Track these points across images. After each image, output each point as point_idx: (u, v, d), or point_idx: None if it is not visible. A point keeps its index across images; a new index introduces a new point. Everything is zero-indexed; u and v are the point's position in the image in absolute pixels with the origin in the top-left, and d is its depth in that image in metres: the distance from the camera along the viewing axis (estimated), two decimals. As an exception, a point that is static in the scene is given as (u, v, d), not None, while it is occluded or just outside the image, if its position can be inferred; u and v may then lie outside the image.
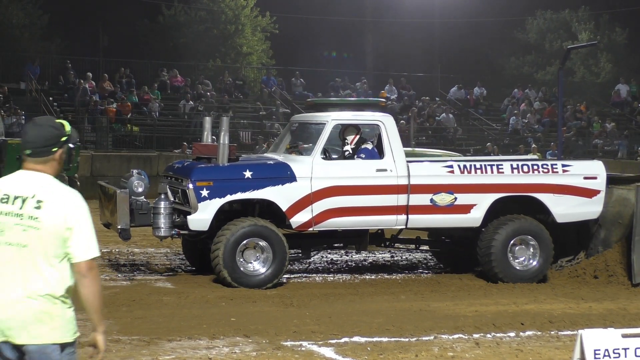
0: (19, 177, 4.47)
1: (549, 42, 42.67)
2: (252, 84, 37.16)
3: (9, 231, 4.38)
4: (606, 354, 6.10)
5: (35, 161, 4.44)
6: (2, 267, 4.37)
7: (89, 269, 4.45)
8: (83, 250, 4.42)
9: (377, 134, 12.60)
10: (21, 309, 4.35)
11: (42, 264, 4.38)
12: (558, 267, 13.18)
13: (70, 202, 4.42)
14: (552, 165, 12.85)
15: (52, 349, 4.40)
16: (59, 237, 4.38)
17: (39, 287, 4.38)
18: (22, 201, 4.39)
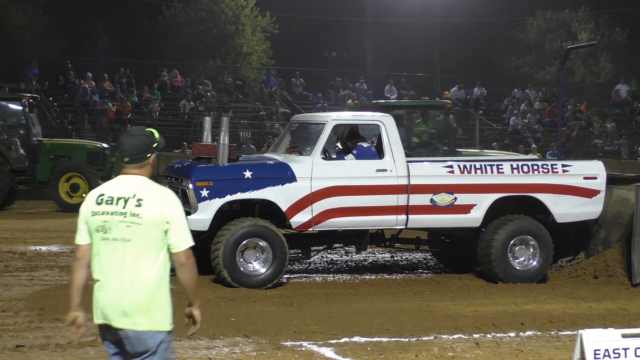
0: (120, 181, 5.12)
1: (549, 42, 42.67)
2: (252, 84, 37.16)
3: (115, 228, 4.97)
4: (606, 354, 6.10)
5: (133, 167, 5.09)
6: (109, 260, 4.96)
7: (187, 258, 5.08)
8: (182, 242, 5.04)
9: (377, 134, 12.60)
10: (126, 297, 4.90)
11: (144, 256, 4.95)
12: (558, 267, 13.18)
13: (166, 199, 5.04)
14: (552, 165, 12.84)
15: (148, 335, 4.89)
16: (159, 230, 4.97)
17: (142, 277, 4.94)
18: (124, 201, 4.99)
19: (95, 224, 5.05)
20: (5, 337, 8.75)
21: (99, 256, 5.02)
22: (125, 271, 4.94)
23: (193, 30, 38.41)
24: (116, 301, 4.92)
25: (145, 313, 4.91)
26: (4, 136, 22.12)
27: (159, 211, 4.98)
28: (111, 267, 4.96)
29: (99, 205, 5.06)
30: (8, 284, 11.73)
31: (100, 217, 5.03)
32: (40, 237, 16.52)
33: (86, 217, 5.12)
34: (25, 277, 12.29)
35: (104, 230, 5.01)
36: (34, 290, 11.42)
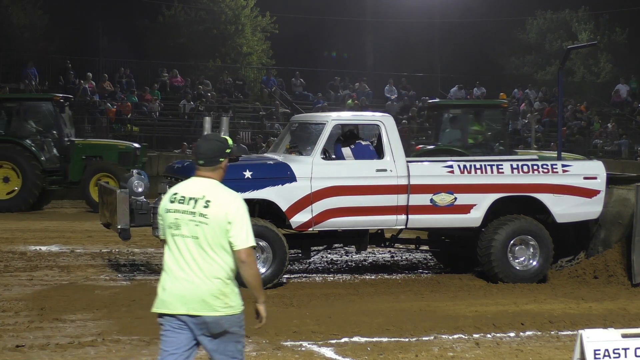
0: (192, 182, 5.59)
1: (549, 42, 42.68)
2: (252, 84, 37.16)
3: (184, 226, 5.41)
4: (606, 354, 6.10)
5: (206, 169, 5.60)
6: (181, 255, 5.40)
7: (247, 256, 5.41)
8: (242, 241, 5.40)
9: (376, 134, 12.60)
10: (200, 288, 5.34)
11: (211, 252, 5.38)
12: (558, 267, 13.19)
13: (231, 202, 5.50)
14: (552, 165, 12.84)
15: (224, 319, 5.39)
16: (223, 230, 5.39)
17: (212, 271, 5.38)
18: (194, 201, 5.44)
19: (168, 221, 5.48)
20: (5, 337, 8.75)
21: (171, 250, 5.45)
22: (195, 265, 5.37)
23: (193, 30, 38.39)
24: (193, 291, 5.34)
25: (219, 300, 5.37)
26: (36, 137, 22.19)
27: (224, 212, 5.41)
28: (182, 261, 5.39)
29: (172, 204, 5.51)
30: (8, 284, 11.73)
31: (173, 215, 5.47)
32: (40, 237, 16.52)
33: (161, 214, 5.55)
34: (25, 277, 12.29)
35: (175, 227, 5.45)
36: (34, 290, 11.42)
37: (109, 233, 14.30)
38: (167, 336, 5.43)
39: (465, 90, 37.60)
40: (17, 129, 22.12)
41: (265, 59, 39.99)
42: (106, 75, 32.65)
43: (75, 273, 12.77)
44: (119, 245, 15.17)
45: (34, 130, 22.43)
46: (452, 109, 23.09)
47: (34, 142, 21.93)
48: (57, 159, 22.18)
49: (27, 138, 21.95)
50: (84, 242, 15.94)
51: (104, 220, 13.04)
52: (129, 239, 12.18)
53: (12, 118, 22.38)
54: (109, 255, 14.55)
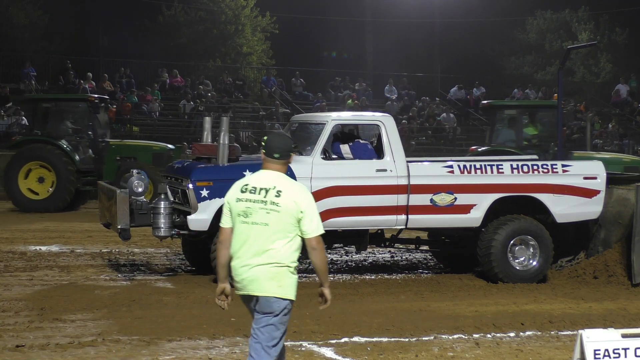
0: (262, 174, 6.13)
1: (549, 42, 42.66)
2: (252, 84, 37.16)
3: (255, 214, 5.86)
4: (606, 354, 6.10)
5: (278, 162, 6.12)
6: (249, 240, 5.85)
7: (317, 243, 5.88)
8: (313, 229, 5.88)
9: (376, 133, 12.60)
10: (260, 270, 5.81)
11: (278, 238, 5.82)
12: (558, 267, 13.19)
13: (301, 192, 5.97)
14: (552, 165, 12.84)
15: (274, 300, 5.81)
16: (294, 218, 5.85)
17: (277, 256, 5.83)
18: (265, 191, 5.92)
19: (238, 209, 5.92)
20: (5, 337, 8.75)
21: (239, 236, 5.90)
22: (263, 249, 5.82)
23: (193, 30, 38.38)
24: (256, 274, 5.82)
25: (275, 282, 5.81)
26: (71, 137, 22.18)
27: (295, 202, 5.87)
28: (249, 246, 5.86)
29: (242, 193, 5.97)
30: (8, 284, 11.73)
31: (244, 204, 5.91)
32: (40, 237, 16.52)
33: (230, 203, 5.98)
34: (25, 277, 12.29)
35: (245, 215, 5.89)
36: (34, 290, 11.42)
37: (109, 233, 14.30)
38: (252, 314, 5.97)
39: (465, 90, 37.61)
40: (53, 130, 22.13)
41: (265, 59, 39.99)
42: (106, 75, 32.65)
43: (75, 273, 12.77)
44: (119, 245, 15.17)
45: (69, 131, 22.43)
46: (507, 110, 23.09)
47: (69, 143, 21.95)
48: (91, 160, 22.20)
49: (62, 138, 21.95)
50: (84, 242, 15.94)
51: (104, 220, 13.04)
52: (129, 239, 12.19)
53: (47, 118, 22.38)
54: (109, 255, 14.55)
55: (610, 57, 41.46)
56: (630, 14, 42.05)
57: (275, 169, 6.12)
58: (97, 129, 22.56)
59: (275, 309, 5.82)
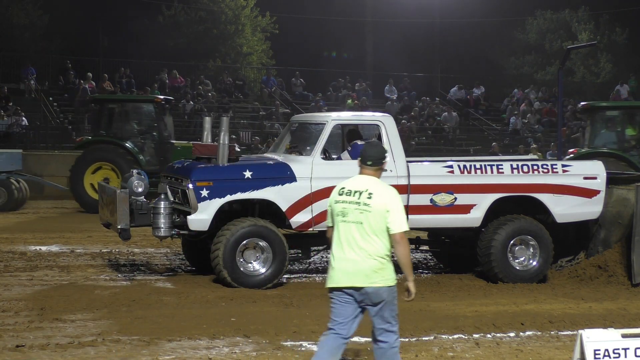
0: (357, 178, 6.85)
1: (549, 42, 42.66)
2: (252, 84, 37.15)
3: (350, 213, 6.65)
4: (606, 354, 6.10)
5: (371, 169, 6.82)
6: (347, 237, 6.63)
7: (401, 238, 6.63)
8: (398, 226, 6.62)
9: (376, 134, 12.59)
10: (363, 265, 6.57)
11: (372, 235, 6.59)
12: (558, 267, 13.19)
13: (389, 194, 6.71)
14: (552, 165, 12.84)
15: (383, 290, 6.59)
16: (382, 217, 6.60)
17: (373, 250, 6.60)
18: (359, 194, 6.68)
19: (337, 210, 6.73)
20: (5, 337, 8.75)
21: (339, 234, 6.69)
22: (360, 245, 6.60)
23: (193, 30, 38.38)
24: (356, 267, 6.57)
25: (378, 274, 6.58)
26: (137, 138, 22.07)
27: (384, 203, 6.63)
28: (349, 242, 6.62)
29: (340, 196, 6.77)
30: (8, 284, 11.73)
31: (341, 205, 6.71)
32: (40, 237, 16.52)
33: (331, 205, 6.82)
34: (25, 277, 12.29)
35: (342, 215, 6.68)
36: (34, 290, 11.42)
37: (109, 233, 14.30)
38: (337, 308, 6.68)
39: (465, 90, 37.61)
40: (118, 130, 22.04)
41: (265, 59, 39.98)
42: (106, 75, 32.65)
43: (75, 273, 12.78)
44: (119, 245, 15.18)
45: (135, 132, 22.32)
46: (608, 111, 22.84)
47: (134, 144, 21.90)
48: (156, 161, 22.13)
49: (128, 139, 21.83)
50: (84, 242, 15.94)
51: (104, 220, 13.04)
52: (129, 239, 12.18)
53: (113, 119, 22.26)
54: (109, 255, 14.55)
55: (610, 57, 41.46)
56: (630, 14, 42.05)
57: (369, 174, 6.84)
58: (163, 130, 22.45)
59: (384, 297, 6.61)
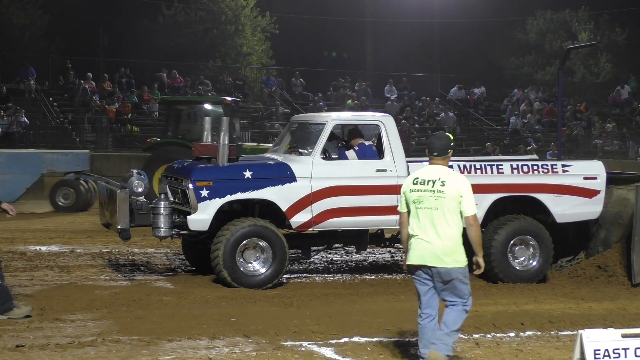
0: (428, 168, 7.65)
1: (549, 42, 42.67)
2: (252, 84, 37.15)
3: (426, 200, 7.47)
4: (606, 354, 6.10)
5: (439, 159, 7.61)
6: (423, 222, 7.48)
7: (473, 220, 7.53)
8: (470, 209, 7.49)
9: (376, 134, 12.59)
10: (437, 246, 7.45)
11: (446, 219, 7.43)
12: (558, 267, 13.18)
13: (461, 181, 7.54)
14: (552, 165, 12.84)
15: (453, 270, 7.51)
16: (456, 201, 7.44)
17: (446, 233, 7.45)
18: (432, 182, 7.48)
19: (412, 198, 7.54)
20: (5, 337, 8.74)
21: (416, 219, 7.53)
22: (435, 229, 7.44)
23: (193, 30, 38.38)
24: (431, 249, 7.45)
25: (450, 255, 7.46)
26: None
27: (456, 189, 7.44)
28: (425, 226, 7.48)
29: (414, 185, 7.57)
30: (8, 284, 11.70)
31: (416, 193, 7.52)
32: (40, 237, 16.52)
33: (405, 193, 7.62)
34: (25, 277, 12.29)
35: (418, 202, 7.50)
36: (34, 290, 11.42)
37: (109, 233, 14.30)
38: (418, 286, 7.78)
39: (465, 90, 37.61)
40: (187, 132, 21.89)
41: (265, 59, 39.98)
42: (106, 75, 32.65)
43: (75, 273, 12.77)
44: (119, 245, 15.17)
45: None
46: None
47: None
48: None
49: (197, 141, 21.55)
50: (84, 242, 15.94)
51: (104, 220, 13.04)
52: (129, 239, 12.18)
53: (181, 121, 22.06)
54: (109, 255, 14.55)
55: (610, 57, 41.46)
56: (630, 14, 42.06)
57: (438, 164, 7.63)
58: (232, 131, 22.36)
59: (454, 276, 7.52)
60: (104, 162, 27.30)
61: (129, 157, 27.46)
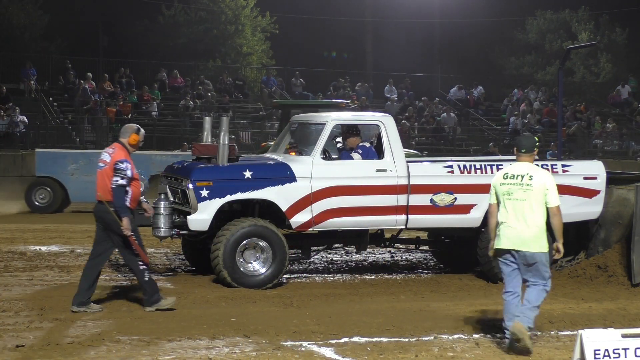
0: (517, 165, 8.76)
1: (549, 42, 42.64)
2: (252, 84, 37.14)
3: (515, 193, 8.61)
4: (606, 354, 6.11)
5: (526, 156, 8.71)
6: (512, 211, 8.60)
7: (557, 210, 8.65)
8: (554, 201, 8.63)
9: (376, 134, 12.59)
10: (524, 233, 8.56)
11: (533, 209, 8.56)
12: (558, 267, 13.18)
13: (546, 176, 8.68)
14: (552, 165, 12.84)
15: (537, 254, 8.60)
16: (542, 194, 8.57)
17: (533, 221, 8.56)
18: (521, 177, 8.63)
19: (502, 190, 8.69)
20: (5, 337, 8.75)
21: (505, 209, 8.65)
22: (523, 218, 8.56)
23: (193, 30, 38.36)
24: (519, 235, 8.54)
25: (535, 242, 8.55)
26: None
27: (543, 183, 8.57)
28: (514, 216, 8.58)
29: (505, 179, 8.70)
30: (8, 284, 11.73)
31: (506, 187, 8.66)
32: (40, 237, 16.52)
33: (496, 187, 8.76)
34: (25, 277, 12.29)
35: (508, 194, 8.63)
36: (34, 290, 11.42)
37: (109, 233, 14.26)
38: (503, 268, 8.80)
39: (465, 90, 37.60)
40: None
41: (265, 59, 39.96)
42: (106, 75, 32.64)
43: (75, 273, 12.76)
44: (119, 245, 15.15)
45: None
46: None
47: None
48: None
49: None
50: (84, 242, 15.93)
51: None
52: (129, 239, 12.15)
53: None
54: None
55: (610, 57, 41.44)
56: (630, 14, 42.04)
57: (525, 161, 8.72)
58: None
59: (537, 259, 8.56)
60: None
61: (128, 157, 27.42)
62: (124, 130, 10.32)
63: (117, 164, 9.85)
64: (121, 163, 9.86)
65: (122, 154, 9.96)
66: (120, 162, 9.85)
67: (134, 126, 10.39)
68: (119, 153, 9.97)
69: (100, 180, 10.01)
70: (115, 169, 9.84)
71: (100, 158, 10.15)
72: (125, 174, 9.87)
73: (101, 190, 9.97)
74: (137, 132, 10.23)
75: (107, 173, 9.93)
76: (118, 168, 9.84)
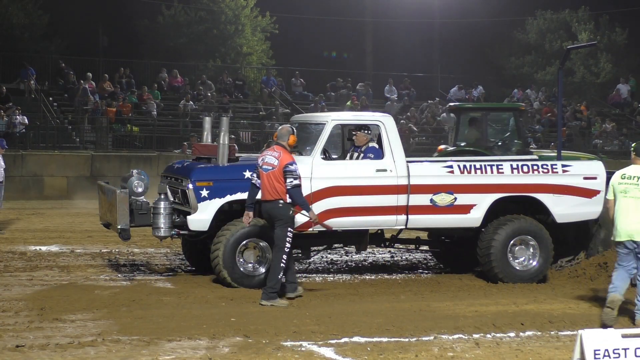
0: (632, 167, 9.93)
1: (549, 42, 42.64)
2: (252, 84, 37.13)
3: (630, 191, 9.76)
4: (606, 354, 6.10)
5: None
6: (628, 207, 9.72)
7: None
8: None
9: (377, 134, 12.58)
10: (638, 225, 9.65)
11: None
12: (558, 267, 13.19)
13: None
14: (552, 165, 12.85)
15: None
16: None
17: None
18: (637, 178, 9.81)
19: (619, 189, 9.83)
20: (5, 337, 8.75)
21: (621, 205, 9.78)
22: (635, 213, 9.65)
23: (193, 30, 38.35)
24: (633, 227, 9.66)
25: None
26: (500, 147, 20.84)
27: None
28: (629, 210, 9.70)
29: (622, 179, 9.86)
30: (8, 284, 11.73)
31: (623, 185, 9.82)
32: (40, 237, 16.53)
33: (614, 185, 9.89)
34: (25, 277, 12.29)
35: (624, 192, 9.78)
36: (34, 290, 11.43)
37: (109, 233, 14.30)
38: (621, 256, 9.81)
39: (465, 90, 37.60)
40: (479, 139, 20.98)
41: (265, 59, 39.95)
42: (106, 75, 32.64)
43: (75, 273, 12.78)
44: (119, 245, 15.18)
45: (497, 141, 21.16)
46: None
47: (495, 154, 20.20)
48: None
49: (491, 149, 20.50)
50: (84, 242, 15.94)
51: (104, 220, 13.04)
52: (129, 239, 12.18)
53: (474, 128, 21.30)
54: (109, 255, 14.55)
55: (610, 57, 41.44)
56: (630, 14, 42.04)
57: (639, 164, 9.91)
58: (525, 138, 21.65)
59: None
60: (103, 162, 27.31)
61: (129, 157, 27.47)
62: (281, 133, 10.93)
63: (287, 167, 10.61)
64: (290, 165, 10.62)
65: (288, 157, 10.72)
66: (289, 165, 10.62)
67: (289, 128, 10.99)
68: (285, 156, 10.70)
69: (267, 182, 10.71)
70: (286, 171, 10.60)
71: (265, 161, 10.79)
72: (298, 174, 10.65)
73: (269, 190, 10.68)
74: (294, 133, 10.93)
75: (274, 175, 10.65)
76: (289, 170, 10.60)
